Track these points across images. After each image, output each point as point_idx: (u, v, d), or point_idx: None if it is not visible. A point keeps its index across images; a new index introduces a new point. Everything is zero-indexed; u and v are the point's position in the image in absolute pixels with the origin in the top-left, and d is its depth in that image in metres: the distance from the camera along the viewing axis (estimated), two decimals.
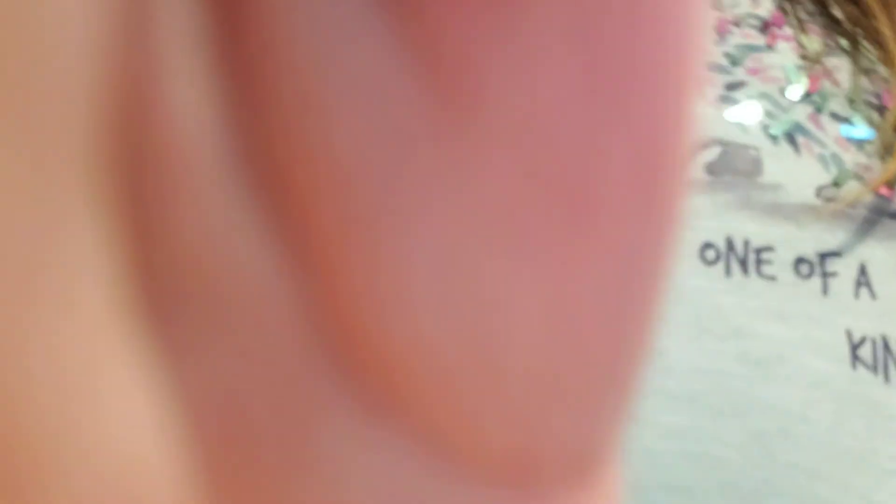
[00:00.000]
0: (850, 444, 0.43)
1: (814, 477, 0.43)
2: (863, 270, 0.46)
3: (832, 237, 0.46)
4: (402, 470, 0.09)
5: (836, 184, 0.47)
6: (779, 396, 0.43)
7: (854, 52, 0.51)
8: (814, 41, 0.51)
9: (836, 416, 0.44)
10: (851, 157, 0.48)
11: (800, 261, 0.46)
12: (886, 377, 0.45)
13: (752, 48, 0.50)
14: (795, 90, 0.49)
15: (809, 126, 0.49)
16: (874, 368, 0.45)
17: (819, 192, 0.47)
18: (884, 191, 0.48)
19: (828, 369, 0.44)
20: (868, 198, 0.47)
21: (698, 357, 0.43)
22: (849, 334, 0.45)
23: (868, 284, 0.46)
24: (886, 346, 0.45)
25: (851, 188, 0.47)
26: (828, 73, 0.50)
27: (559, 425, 0.09)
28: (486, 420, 0.09)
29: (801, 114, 0.49)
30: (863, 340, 0.45)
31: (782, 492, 0.42)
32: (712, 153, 0.47)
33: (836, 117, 0.49)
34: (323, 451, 0.09)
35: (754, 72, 0.49)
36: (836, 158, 0.48)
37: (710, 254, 0.45)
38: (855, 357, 0.45)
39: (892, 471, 0.44)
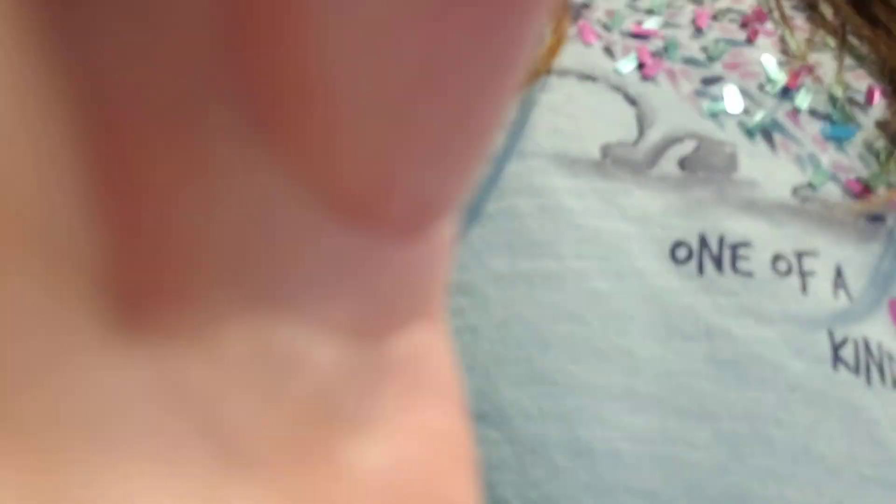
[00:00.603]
0: (825, 449, 0.41)
1: (786, 482, 0.41)
2: (839, 272, 0.44)
3: (809, 237, 0.45)
4: (271, 193, 0.10)
5: (812, 185, 0.46)
6: (751, 399, 0.41)
7: (840, 48, 0.49)
8: (797, 37, 0.49)
9: (813, 420, 0.42)
10: (829, 158, 0.47)
11: (777, 258, 0.44)
12: (868, 380, 0.43)
13: (732, 43, 0.49)
14: (774, 86, 0.48)
15: (787, 124, 0.47)
16: (856, 370, 0.43)
17: (795, 192, 0.45)
18: (858, 190, 0.46)
19: (806, 370, 0.42)
20: (845, 199, 0.46)
21: (667, 358, 0.41)
22: (830, 334, 0.43)
23: (845, 286, 0.44)
24: (868, 349, 0.43)
25: (828, 190, 0.46)
26: (809, 70, 0.49)
27: (411, 171, 0.10)
28: (347, 155, 0.10)
29: (780, 111, 0.47)
30: (845, 341, 0.43)
31: (752, 496, 0.40)
32: (687, 147, 0.45)
33: (816, 115, 0.48)
34: (209, 157, 0.09)
35: (732, 67, 0.48)
36: (812, 159, 0.46)
37: (682, 252, 0.43)
38: (837, 358, 0.43)
39: (871, 478, 0.42)
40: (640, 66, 0.47)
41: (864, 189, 0.46)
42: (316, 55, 0.09)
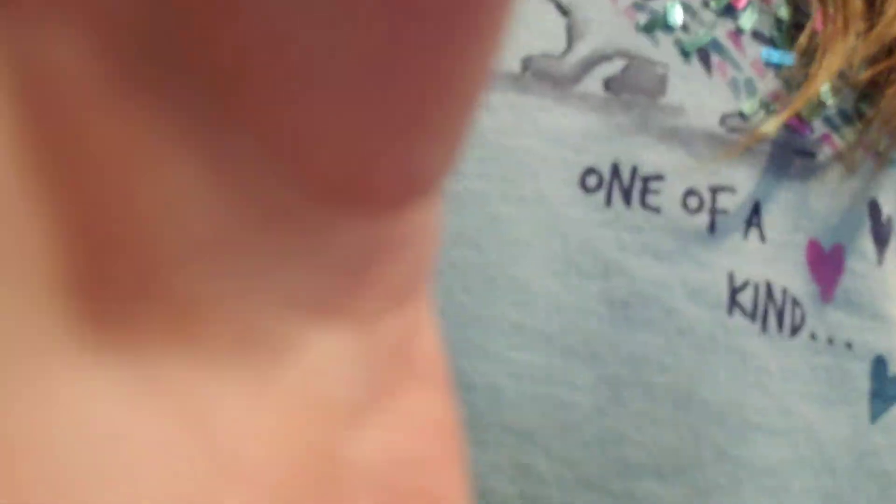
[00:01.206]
0: (709, 395, 0.41)
1: (663, 426, 0.41)
2: (756, 210, 0.43)
3: (728, 171, 0.43)
4: (245, 174, 0.09)
5: (743, 114, 0.44)
6: (639, 341, 0.41)
7: None
8: None
9: (700, 365, 0.41)
10: (766, 85, 0.45)
11: (689, 193, 0.43)
12: (764, 326, 0.42)
13: None
14: (719, 3, 0.46)
15: (727, 44, 0.45)
16: (752, 316, 0.42)
17: (723, 120, 0.44)
18: (794, 124, 0.45)
19: (699, 314, 0.42)
20: (773, 131, 0.44)
21: (560, 294, 0.41)
22: (731, 277, 0.42)
23: (759, 225, 0.43)
24: (770, 293, 0.43)
25: (760, 119, 0.44)
26: None
27: (391, 148, 0.10)
28: (328, 137, 0.09)
29: (721, 29, 0.45)
30: (745, 285, 0.42)
31: (626, 440, 0.40)
32: (615, 66, 0.44)
33: (759, 37, 0.46)
34: (163, 141, 0.09)
35: None
36: (749, 84, 0.45)
37: (592, 180, 0.42)
38: (733, 302, 0.42)
39: (756, 425, 0.42)
40: None
41: (799, 122, 0.45)
42: (278, 34, 0.09)
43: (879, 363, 0.43)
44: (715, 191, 0.43)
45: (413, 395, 0.11)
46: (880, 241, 0.44)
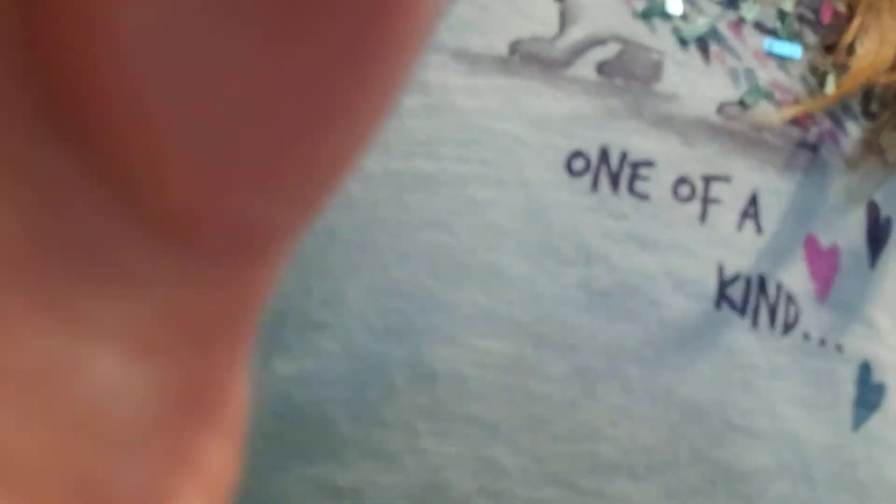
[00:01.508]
0: (689, 392, 0.39)
1: (638, 422, 0.39)
2: (753, 200, 0.41)
3: (724, 160, 0.41)
4: (70, 195, 0.09)
5: (743, 102, 0.42)
6: (617, 332, 0.39)
7: None
8: None
9: (681, 360, 0.39)
10: (768, 75, 0.43)
11: (681, 181, 0.41)
12: (755, 321, 0.40)
13: None
14: None
15: (727, 34, 0.43)
16: (742, 310, 0.40)
17: (721, 108, 0.42)
18: (798, 116, 0.43)
19: (684, 307, 0.40)
20: (778, 122, 0.42)
21: (537, 280, 0.39)
22: (720, 269, 0.41)
23: (756, 217, 0.41)
24: (763, 287, 0.41)
25: (761, 109, 0.42)
26: None
27: (236, 193, 0.09)
28: (170, 172, 0.09)
29: (722, 19, 0.43)
30: (735, 278, 0.41)
31: (599, 435, 0.39)
32: (609, 51, 0.42)
33: (761, 28, 0.44)
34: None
35: None
36: (749, 74, 0.43)
37: (579, 164, 0.40)
38: (721, 295, 0.40)
39: (738, 426, 0.40)
40: None
41: (804, 115, 0.43)
42: (127, 67, 0.09)
43: (865, 369, 0.41)
44: (708, 180, 0.41)
45: (195, 440, 0.11)
46: (875, 243, 0.42)
